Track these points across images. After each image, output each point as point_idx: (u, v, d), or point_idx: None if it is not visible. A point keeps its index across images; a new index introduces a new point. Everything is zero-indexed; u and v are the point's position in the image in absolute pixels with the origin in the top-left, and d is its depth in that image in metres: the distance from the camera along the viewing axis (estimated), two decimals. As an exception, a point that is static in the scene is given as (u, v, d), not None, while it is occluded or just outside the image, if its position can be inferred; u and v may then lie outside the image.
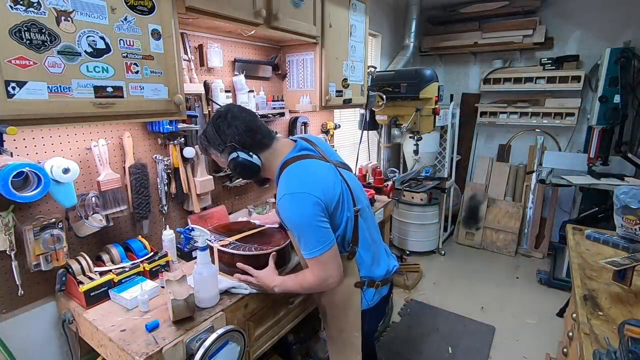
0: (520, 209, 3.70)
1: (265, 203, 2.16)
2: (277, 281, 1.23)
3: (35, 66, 0.91)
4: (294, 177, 1.11)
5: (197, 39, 1.66)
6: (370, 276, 1.25)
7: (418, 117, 2.70)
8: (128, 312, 1.16)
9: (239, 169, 1.14)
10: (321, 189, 1.08)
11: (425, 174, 3.32)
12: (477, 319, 2.61)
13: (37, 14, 0.90)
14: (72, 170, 1.12)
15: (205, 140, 1.20)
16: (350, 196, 1.19)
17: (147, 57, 1.15)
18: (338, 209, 1.12)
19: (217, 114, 1.19)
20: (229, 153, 1.15)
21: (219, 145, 1.16)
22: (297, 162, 1.14)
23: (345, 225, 1.16)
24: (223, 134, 1.15)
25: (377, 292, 1.28)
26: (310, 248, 1.08)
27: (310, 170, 1.14)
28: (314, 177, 1.11)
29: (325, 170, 1.16)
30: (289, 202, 1.07)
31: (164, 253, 1.40)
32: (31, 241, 1.12)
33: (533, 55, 3.63)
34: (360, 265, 1.23)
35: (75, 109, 1.00)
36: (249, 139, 1.15)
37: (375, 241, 1.30)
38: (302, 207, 1.05)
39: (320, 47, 1.97)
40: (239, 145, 1.14)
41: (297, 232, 1.09)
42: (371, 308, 1.28)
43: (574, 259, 1.46)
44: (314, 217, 1.05)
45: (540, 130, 3.71)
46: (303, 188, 1.06)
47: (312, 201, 1.05)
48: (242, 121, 1.16)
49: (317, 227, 1.06)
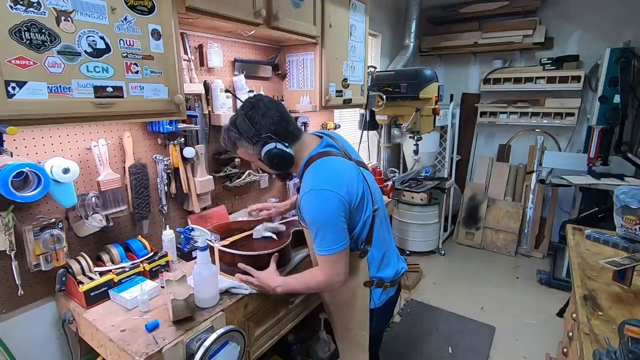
0: (520, 209, 3.70)
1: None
2: (279, 281, 1.23)
3: (35, 66, 0.91)
4: (320, 173, 1.10)
5: (197, 39, 1.66)
6: (380, 277, 1.25)
7: (418, 117, 2.70)
8: (128, 312, 1.16)
9: (276, 160, 1.10)
10: (346, 188, 1.07)
11: (425, 174, 3.32)
12: (477, 319, 2.61)
13: (37, 14, 0.90)
14: (72, 170, 1.12)
15: (236, 132, 1.13)
16: (370, 196, 1.18)
17: (147, 57, 1.15)
18: (359, 208, 1.13)
19: (248, 104, 1.13)
20: (262, 145, 1.10)
21: (253, 137, 1.10)
22: (324, 158, 1.13)
23: (363, 225, 1.16)
24: (257, 125, 1.09)
25: (384, 293, 1.27)
26: (327, 245, 1.07)
27: (337, 168, 1.12)
28: (340, 176, 1.09)
29: (350, 169, 1.14)
30: (315, 197, 1.05)
31: (164, 253, 1.40)
32: (31, 241, 1.12)
33: (533, 56, 3.63)
34: (371, 265, 1.22)
35: (75, 109, 1.00)
36: (283, 129, 1.11)
37: (387, 242, 1.30)
38: (326, 204, 1.04)
39: (320, 47, 1.97)
40: (274, 136, 1.10)
41: (317, 228, 1.08)
42: (378, 308, 1.27)
43: (574, 259, 1.46)
44: (337, 216, 1.05)
45: (540, 130, 3.71)
46: (329, 186, 1.05)
47: (337, 199, 1.04)
48: (276, 110, 1.12)
49: (337, 226, 1.06)
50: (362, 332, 1.28)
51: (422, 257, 3.56)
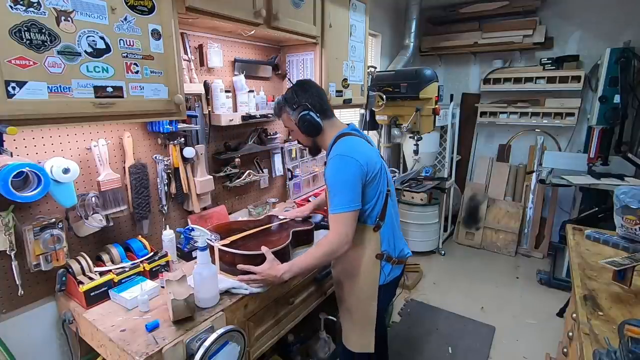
0: (520, 209, 3.70)
1: (265, 203, 2.16)
2: (284, 267, 1.26)
3: (35, 66, 0.91)
4: (346, 144, 1.31)
5: (197, 39, 1.66)
6: (389, 252, 1.38)
7: (418, 117, 2.70)
8: (128, 312, 1.16)
9: (307, 123, 1.33)
10: (365, 159, 1.26)
11: (425, 174, 3.32)
12: (477, 319, 2.61)
13: (37, 14, 0.90)
14: (72, 170, 1.12)
15: (283, 100, 1.40)
16: (385, 176, 1.36)
17: (147, 57, 1.15)
18: (375, 180, 1.29)
19: (298, 82, 1.43)
20: (300, 111, 1.33)
21: (294, 104, 1.36)
22: (350, 136, 1.35)
23: (377, 199, 1.32)
24: (300, 96, 1.36)
25: (392, 270, 1.39)
26: (341, 204, 1.22)
27: (360, 144, 1.34)
28: (361, 149, 1.30)
29: (370, 149, 1.36)
30: (338, 160, 1.26)
31: (164, 253, 1.40)
32: (31, 241, 1.12)
33: (533, 55, 3.63)
34: (383, 239, 1.36)
35: (75, 109, 1.00)
36: (318, 104, 1.36)
37: (396, 224, 1.44)
38: (347, 167, 1.24)
39: (320, 47, 1.97)
40: (310, 106, 1.33)
41: (335, 187, 1.25)
42: (386, 284, 1.39)
43: (574, 259, 1.46)
44: (354, 178, 1.23)
45: (540, 130, 3.71)
46: (352, 154, 1.25)
47: (356, 165, 1.23)
48: (317, 90, 1.39)
49: (353, 188, 1.23)
50: (373, 303, 1.38)
51: (422, 257, 3.56)
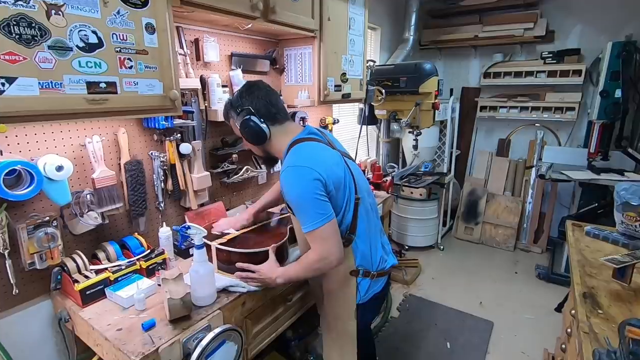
0: (519, 203, 3.69)
1: (263, 199, 2.14)
2: (279, 272, 1.23)
3: (25, 61, 0.89)
4: (299, 153, 1.18)
5: (193, 32, 1.63)
6: (365, 266, 1.26)
7: (418, 111, 2.68)
8: (124, 310, 1.15)
9: (247, 130, 1.22)
10: (323, 168, 1.12)
11: (425, 169, 3.30)
12: (476, 314, 2.61)
13: (26, 7, 0.88)
14: (66, 168, 1.11)
15: (229, 103, 1.30)
16: (352, 183, 1.22)
17: (141, 52, 1.13)
18: (339, 191, 1.16)
19: (245, 83, 1.31)
20: (243, 116, 1.22)
21: (237, 108, 1.25)
22: (305, 142, 1.21)
23: (344, 210, 1.19)
24: (243, 99, 1.25)
25: (372, 284, 1.28)
26: (310, 220, 1.10)
27: (316, 150, 1.20)
28: (317, 157, 1.16)
29: (330, 154, 1.22)
30: (291, 173, 1.12)
31: (161, 251, 1.38)
32: (25, 240, 1.11)
33: (534, 49, 3.59)
34: (356, 254, 1.24)
35: (68, 106, 0.98)
36: (264, 108, 1.23)
37: (373, 234, 1.31)
38: (302, 179, 1.10)
39: (318, 41, 1.94)
40: (253, 111, 1.22)
41: (297, 204, 1.13)
42: (362, 304, 1.28)
43: (573, 256, 1.45)
44: (314, 190, 1.09)
45: (540, 124, 3.69)
46: (306, 163, 1.12)
47: (312, 176, 1.09)
48: (264, 93, 1.26)
49: (316, 200, 1.09)
50: (351, 322, 1.29)
51: (421, 252, 3.56)
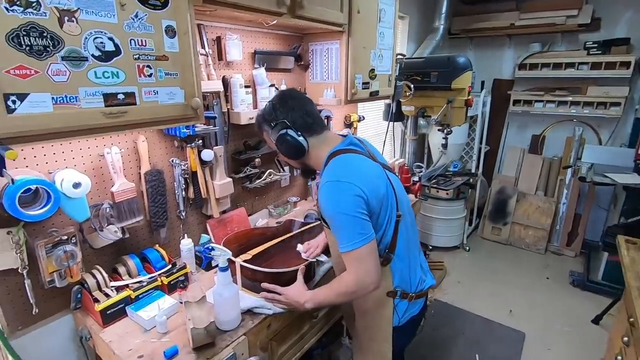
0: (552, 204, 3.49)
1: (286, 202, 2.06)
2: (308, 296, 1.14)
3: (37, 75, 0.81)
4: (339, 166, 1.08)
5: (215, 30, 1.53)
6: (404, 287, 1.18)
7: (449, 109, 2.51)
8: (146, 332, 1.10)
9: (284, 145, 1.13)
10: (366, 183, 1.02)
11: (454, 168, 3.14)
12: (505, 324, 2.49)
13: (37, 15, 0.79)
14: (84, 185, 1.04)
15: (262, 116, 1.21)
16: (394, 199, 1.12)
17: (161, 58, 1.04)
18: (381, 209, 1.07)
19: (278, 93, 1.23)
20: (278, 130, 1.13)
21: (272, 122, 1.16)
22: (346, 154, 1.11)
23: (385, 229, 1.10)
24: (277, 111, 1.15)
25: (410, 306, 1.20)
26: (348, 240, 1.00)
27: (358, 164, 1.10)
28: (359, 171, 1.06)
29: (373, 167, 1.12)
30: (330, 188, 1.03)
31: (182, 265, 1.32)
32: (44, 258, 1.06)
33: (576, 38, 3.32)
34: (394, 274, 1.15)
35: (84, 121, 0.90)
36: (300, 119, 1.14)
37: (412, 253, 1.22)
38: (343, 196, 1.00)
39: (346, 36, 1.80)
40: (289, 123, 1.12)
41: (335, 222, 1.03)
42: (399, 327, 1.20)
43: (630, 281, 1.31)
44: (354, 207, 1.00)
45: (578, 120, 3.43)
46: (347, 178, 1.02)
47: (354, 192, 1.00)
48: (299, 102, 1.17)
49: (356, 218, 1.00)
50: (386, 344, 1.21)
51: (446, 253, 3.43)
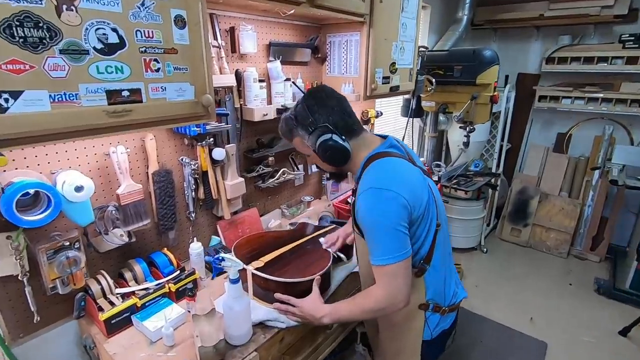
0: (577, 206, 3.32)
1: (300, 202, 1.98)
2: (326, 310, 1.06)
3: (32, 70, 0.73)
4: (383, 172, 0.99)
5: (228, 20, 1.43)
6: (437, 300, 1.10)
7: (472, 105, 2.37)
8: (152, 345, 1.04)
9: (330, 152, 1.01)
10: (410, 192, 0.95)
11: (475, 168, 3.00)
12: (526, 332, 2.37)
13: (32, 3, 0.71)
14: (86, 188, 0.97)
15: (294, 120, 1.07)
16: (435, 208, 1.04)
17: (170, 51, 0.95)
18: (422, 219, 0.99)
19: (309, 93, 1.09)
20: (319, 135, 1.01)
21: (310, 126, 1.03)
22: (387, 157, 1.01)
23: (424, 239, 1.02)
24: (316, 113, 1.03)
25: (442, 320, 1.13)
26: (384, 253, 0.94)
27: (401, 169, 1.00)
28: (404, 178, 0.98)
29: (415, 174, 1.02)
30: (374, 196, 0.94)
31: (191, 271, 1.25)
32: (45, 264, 1.00)
33: (610, 31, 3.10)
34: (428, 286, 1.07)
35: (85, 121, 0.82)
36: (342, 121, 1.03)
37: (447, 264, 1.14)
38: (387, 205, 0.92)
39: (367, 27, 1.68)
40: (332, 127, 1.01)
41: (373, 232, 0.96)
42: (432, 340, 1.12)
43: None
44: (397, 219, 0.92)
45: (606, 118, 3.24)
46: (392, 186, 0.93)
47: (399, 202, 0.92)
48: (337, 102, 1.05)
49: (398, 232, 0.92)
50: (414, 359, 1.15)
51: (463, 255, 3.31)
